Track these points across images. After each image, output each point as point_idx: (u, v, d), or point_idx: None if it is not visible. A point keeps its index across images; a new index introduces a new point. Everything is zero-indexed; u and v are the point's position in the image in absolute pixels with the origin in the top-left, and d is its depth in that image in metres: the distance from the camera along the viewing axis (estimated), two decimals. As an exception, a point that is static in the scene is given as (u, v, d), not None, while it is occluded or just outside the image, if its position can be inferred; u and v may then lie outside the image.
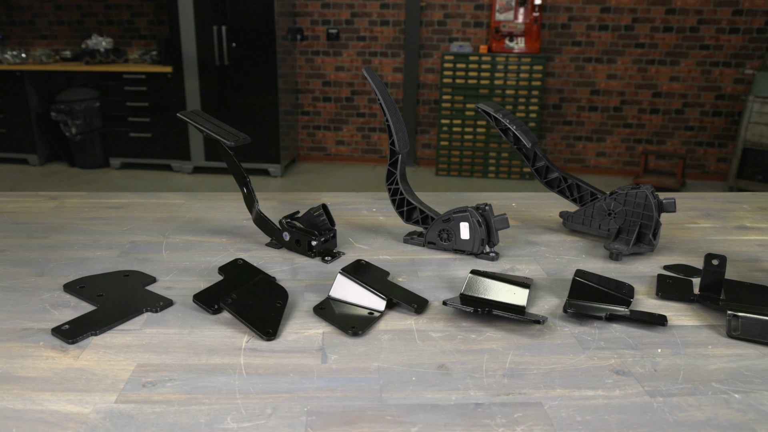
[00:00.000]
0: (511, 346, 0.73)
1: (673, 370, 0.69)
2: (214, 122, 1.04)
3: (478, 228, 0.97)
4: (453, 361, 0.70)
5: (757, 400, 0.63)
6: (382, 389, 0.64)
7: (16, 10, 5.63)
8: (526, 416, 0.60)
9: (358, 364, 0.69)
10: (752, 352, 0.73)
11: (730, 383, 0.66)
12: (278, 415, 0.60)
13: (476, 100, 5.40)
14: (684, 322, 0.80)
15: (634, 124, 5.62)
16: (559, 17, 5.41)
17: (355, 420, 0.59)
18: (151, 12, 5.55)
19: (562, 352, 0.72)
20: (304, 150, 6.16)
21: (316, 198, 1.31)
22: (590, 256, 1.02)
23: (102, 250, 1.02)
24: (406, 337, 0.75)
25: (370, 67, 1.03)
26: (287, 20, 5.43)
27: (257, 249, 1.02)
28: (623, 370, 0.68)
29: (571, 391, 0.64)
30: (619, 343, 0.74)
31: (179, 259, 0.98)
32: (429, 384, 0.65)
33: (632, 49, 5.39)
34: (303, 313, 0.81)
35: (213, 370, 0.68)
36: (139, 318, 0.79)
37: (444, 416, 0.60)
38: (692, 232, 1.15)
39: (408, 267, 0.96)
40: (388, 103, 1.04)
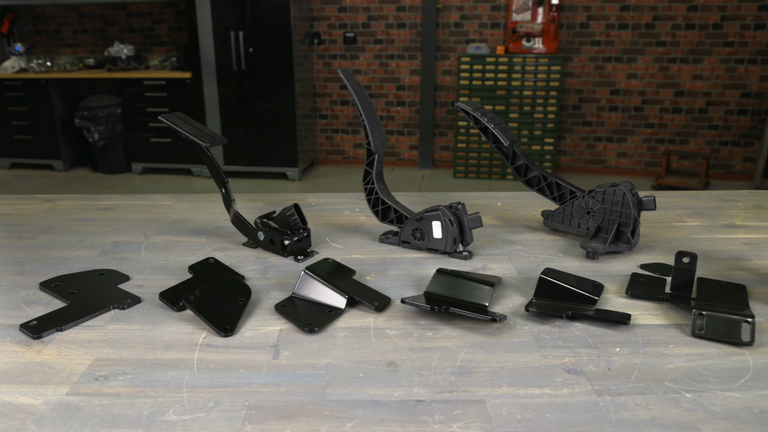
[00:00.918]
0: (466, 344, 0.73)
1: (628, 369, 0.67)
2: (193, 124, 1.06)
3: (450, 227, 0.96)
4: (403, 359, 0.70)
5: (708, 400, 0.62)
6: (326, 385, 0.65)
7: (42, 19, 5.80)
8: (466, 413, 0.60)
9: (308, 360, 0.70)
10: (714, 352, 0.71)
11: (684, 383, 0.65)
12: (219, 409, 0.61)
13: (494, 101, 5.36)
14: (650, 321, 0.79)
15: (656, 124, 5.51)
16: (578, 17, 5.34)
17: (293, 414, 0.60)
18: (171, 19, 5.67)
19: (516, 351, 0.71)
20: (323, 153, 6.20)
21: (302, 199, 1.32)
22: (567, 255, 1.01)
23: (84, 249, 1.04)
24: (362, 335, 0.75)
25: (347, 69, 1.03)
26: (304, 25, 5.48)
27: (233, 248, 1.04)
28: (575, 369, 0.67)
29: (517, 390, 0.64)
30: (578, 342, 0.73)
31: (156, 259, 1.00)
32: (375, 380, 0.65)
33: (653, 48, 5.29)
34: (265, 310, 0.82)
35: (166, 364, 0.69)
36: (106, 315, 0.81)
37: (382, 412, 0.60)
38: (678, 230, 1.12)
39: (378, 266, 0.96)
40: (364, 103, 1.05)
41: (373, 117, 1.05)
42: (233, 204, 1.04)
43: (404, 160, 6.08)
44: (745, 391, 0.63)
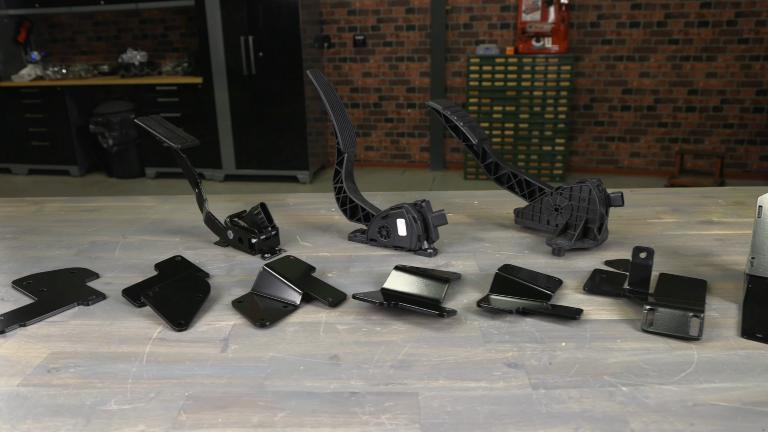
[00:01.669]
0: (412, 339, 0.73)
1: (569, 364, 0.67)
2: (167, 127, 1.09)
3: (414, 224, 0.97)
4: (347, 352, 0.71)
5: (643, 393, 0.61)
6: (266, 377, 0.66)
7: (58, 28, 5.94)
8: (397, 405, 0.60)
9: (254, 353, 0.71)
10: (661, 346, 0.71)
11: (623, 376, 0.65)
12: (159, 399, 0.62)
13: (504, 102, 5.35)
14: (603, 317, 0.78)
15: (669, 123, 5.43)
16: (588, 16, 5.30)
17: (228, 404, 0.61)
18: (183, 25, 5.76)
19: (460, 345, 0.72)
20: (334, 156, 6.23)
21: (281, 199, 1.34)
22: (534, 252, 1.01)
23: (62, 249, 1.07)
24: (311, 329, 0.76)
25: (316, 70, 1.05)
26: (314, 28, 5.53)
27: (205, 247, 1.06)
28: (516, 363, 0.68)
29: (453, 383, 0.64)
30: (525, 337, 0.73)
31: (128, 258, 1.02)
32: (314, 373, 0.66)
33: (665, 46, 5.22)
34: (223, 306, 0.83)
35: (117, 357, 0.71)
36: (71, 311, 0.83)
37: (315, 403, 0.61)
38: (652, 227, 1.11)
39: (343, 263, 0.97)
40: (333, 103, 1.06)
41: (342, 117, 1.06)
42: (205, 204, 1.06)
43: (415, 162, 6.08)
44: (682, 385, 0.63)
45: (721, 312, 0.79)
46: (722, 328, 0.75)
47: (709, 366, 0.66)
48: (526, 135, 5.40)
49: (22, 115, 5.55)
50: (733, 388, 0.62)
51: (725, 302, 0.82)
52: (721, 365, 0.67)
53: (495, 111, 5.41)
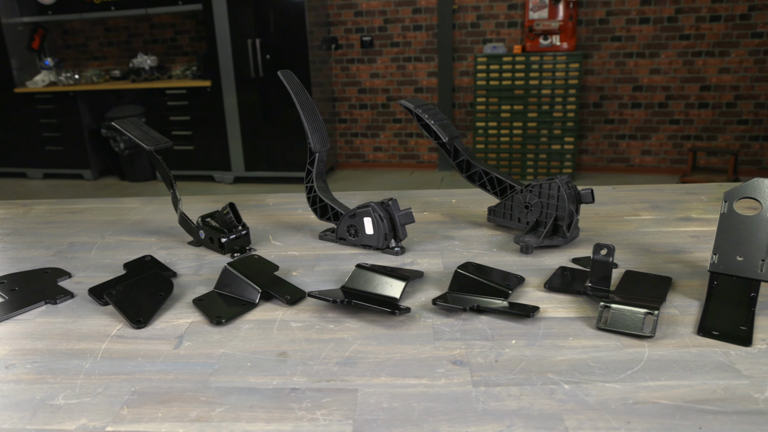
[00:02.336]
0: (363, 336, 0.74)
1: (515, 361, 0.67)
2: (143, 129, 1.10)
3: (380, 223, 0.97)
4: (296, 349, 0.71)
5: (585, 391, 0.61)
6: (213, 373, 0.67)
7: (71, 34, 6.05)
8: (334, 401, 0.61)
9: (206, 350, 0.72)
10: (613, 344, 0.70)
11: (568, 374, 0.64)
12: (106, 394, 0.64)
13: (512, 101, 5.31)
14: (560, 314, 0.78)
15: (681, 120, 5.35)
16: (597, 12, 5.24)
17: (170, 399, 0.62)
18: (193, 29, 5.82)
19: (410, 343, 0.72)
20: (343, 158, 6.25)
21: (262, 199, 1.35)
22: (503, 249, 1.00)
23: (41, 250, 1.09)
24: (266, 327, 0.77)
25: (287, 70, 1.06)
26: (322, 30, 5.55)
27: (178, 247, 1.07)
28: (461, 361, 0.67)
29: (394, 380, 0.64)
30: (476, 335, 0.73)
31: (102, 258, 1.04)
32: (260, 369, 0.67)
33: (676, 42, 5.15)
34: (185, 304, 0.84)
35: (73, 354, 0.72)
36: (38, 309, 0.85)
37: (254, 399, 0.62)
38: (627, 224, 1.10)
39: (309, 262, 0.98)
40: (303, 104, 1.07)
41: (313, 117, 1.07)
42: (180, 204, 1.08)
43: (424, 162, 6.08)
44: (626, 383, 0.62)
45: (682, 309, 0.78)
46: (679, 326, 0.74)
47: (657, 364, 0.66)
48: (534, 134, 5.36)
49: (37, 120, 5.66)
50: (678, 386, 0.62)
51: (688, 299, 0.81)
52: (671, 363, 0.66)
53: (503, 110, 5.38)
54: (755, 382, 0.62)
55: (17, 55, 5.63)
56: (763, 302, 0.79)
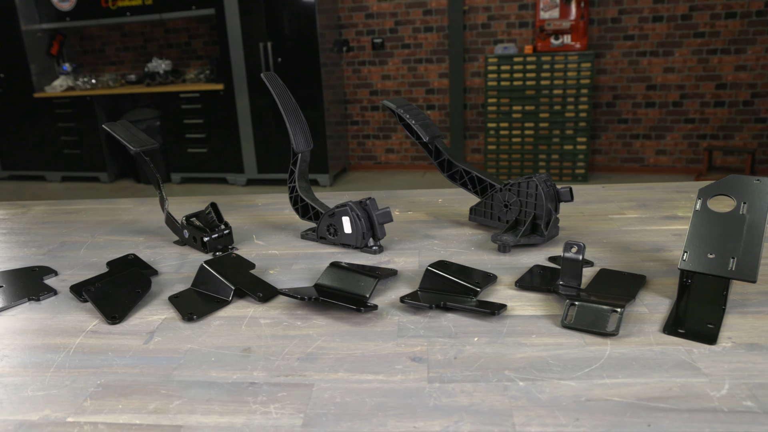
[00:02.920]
0: (328, 333, 0.74)
1: (474, 359, 0.67)
2: (131, 131, 1.12)
3: (358, 222, 0.98)
4: (261, 345, 0.72)
5: (538, 388, 0.61)
6: (177, 368, 0.68)
7: (88, 40, 6.17)
8: (289, 396, 0.62)
9: (174, 345, 0.73)
10: (576, 342, 0.70)
11: (525, 371, 0.64)
12: (72, 386, 0.65)
13: (523, 102, 5.28)
14: (527, 312, 0.78)
15: (697, 119, 5.27)
16: (609, 11, 5.20)
17: (132, 392, 0.64)
18: (206, 33, 5.90)
19: (372, 339, 0.72)
20: (355, 159, 6.28)
21: (251, 200, 1.37)
22: (481, 248, 1.00)
23: (33, 248, 1.12)
24: (235, 323, 0.78)
25: (270, 72, 1.07)
26: (333, 33, 5.59)
27: (164, 246, 1.09)
28: (421, 358, 0.68)
29: (351, 375, 0.65)
30: (440, 332, 0.74)
31: (90, 256, 1.06)
32: (223, 364, 0.68)
33: (691, 40, 5.08)
34: (161, 301, 0.86)
35: (48, 348, 0.74)
36: (22, 306, 0.88)
37: (213, 392, 0.63)
38: (611, 223, 1.09)
39: (288, 260, 0.99)
40: (286, 105, 1.08)
41: (296, 118, 1.08)
42: (166, 205, 1.10)
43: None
44: (582, 380, 0.62)
45: (651, 308, 0.78)
46: (646, 324, 0.74)
47: (617, 362, 0.65)
48: (546, 134, 5.32)
49: (55, 124, 5.78)
50: (634, 383, 0.61)
51: (659, 298, 0.80)
52: (631, 361, 0.66)
53: (514, 111, 5.35)
54: (713, 380, 0.61)
55: (36, 61, 5.76)
56: (736, 300, 0.78)
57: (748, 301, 0.78)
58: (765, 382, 0.60)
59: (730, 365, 0.64)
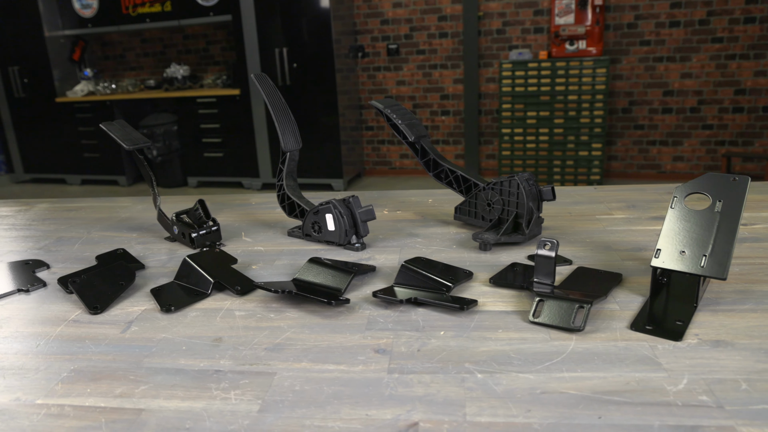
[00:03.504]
0: (299, 325, 0.76)
1: (436, 351, 0.68)
2: (126, 131, 1.16)
3: (341, 219, 0.99)
4: (232, 335, 0.74)
5: (495, 380, 0.62)
6: (148, 355, 0.70)
7: (109, 46, 6.31)
8: (251, 383, 0.63)
9: (150, 335, 0.75)
10: (541, 337, 0.70)
11: (485, 364, 0.65)
12: (46, 371, 0.68)
13: (538, 107, 5.26)
14: (498, 308, 0.78)
15: (715, 125, 5.19)
16: (625, 17, 5.16)
17: (102, 377, 0.66)
18: (224, 39, 5.99)
19: (340, 332, 0.74)
20: (370, 164, 6.30)
21: (246, 199, 1.39)
22: (463, 246, 1.01)
23: (30, 243, 1.16)
24: (211, 315, 0.80)
25: (261, 73, 1.10)
26: (348, 38, 5.64)
27: (155, 242, 1.12)
28: (384, 350, 0.69)
29: (313, 365, 0.66)
30: (408, 326, 0.74)
31: (83, 251, 1.09)
32: (192, 353, 0.70)
33: (708, 45, 5.01)
34: (144, 293, 0.88)
35: (29, 336, 0.77)
36: (12, 297, 0.91)
37: (178, 379, 0.65)
38: (597, 223, 1.09)
39: (272, 256, 1.01)
40: (275, 105, 1.10)
41: (285, 118, 1.10)
42: (158, 202, 1.13)
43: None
44: (541, 374, 0.63)
45: (623, 305, 0.78)
46: (615, 321, 0.73)
47: (579, 356, 0.66)
48: (561, 140, 5.29)
49: (76, 128, 5.92)
50: (592, 377, 0.62)
51: (632, 295, 0.80)
52: (593, 356, 0.66)
53: (529, 116, 5.33)
54: (673, 375, 0.61)
55: (59, 67, 5.90)
56: (710, 299, 0.78)
57: (721, 300, 0.77)
58: (724, 378, 0.60)
59: (692, 361, 0.63)
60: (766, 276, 0.83)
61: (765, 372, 0.61)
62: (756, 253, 0.91)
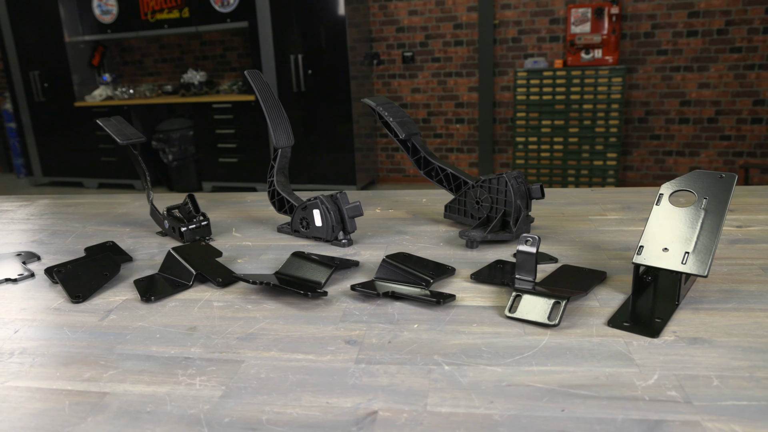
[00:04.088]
0: (274, 316, 0.76)
1: (407, 343, 0.67)
2: (121, 126, 1.17)
3: (328, 215, 0.99)
4: (207, 325, 0.74)
5: (462, 372, 0.61)
6: (122, 342, 0.70)
7: (128, 51, 6.43)
8: (217, 371, 0.63)
9: (126, 323, 0.76)
10: (515, 331, 0.69)
11: (454, 357, 0.64)
12: (21, 354, 0.68)
13: (552, 116, 5.23)
14: (476, 303, 0.77)
15: (733, 136, 5.11)
16: (642, 26, 5.11)
17: (72, 362, 0.66)
18: (240, 45, 6.07)
19: (314, 323, 0.73)
20: (384, 172, 6.31)
21: (241, 197, 1.40)
22: (450, 244, 1.00)
23: (26, 236, 1.18)
24: (189, 305, 0.80)
25: (255, 70, 1.11)
26: (364, 46, 5.67)
27: (146, 236, 1.13)
28: (355, 341, 0.68)
29: (282, 354, 0.66)
30: (383, 318, 0.74)
31: (75, 244, 1.11)
32: (166, 341, 0.70)
33: (727, 55, 4.94)
34: (128, 284, 0.89)
35: (9, 323, 0.78)
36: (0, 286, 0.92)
37: (147, 365, 0.65)
38: (588, 223, 1.08)
39: (258, 251, 1.01)
40: (268, 102, 1.11)
41: (277, 114, 1.11)
42: (150, 197, 1.14)
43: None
44: (509, 367, 0.61)
45: (604, 302, 0.76)
46: (594, 317, 0.72)
47: (550, 351, 0.64)
48: (575, 149, 5.25)
49: (93, 132, 6.02)
50: (561, 371, 0.60)
51: (614, 293, 0.79)
52: (565, 350, 0.64)
53: (543, 125, 5.30)
54: (644, 371, 0.60)
55: (79, 71, 6.03)
56: (694, 297, 0.76)
57: (705, 298, 0.75)
58: (696, 374, 0.58)
59: (666, 357, 0.62)
60: (753, 277, 0.81)
61: (739, 369, 0.59)
62: (747, 254, 0.89)
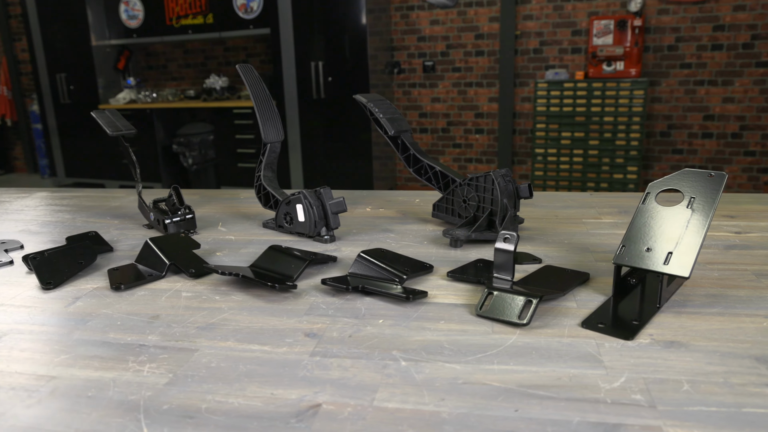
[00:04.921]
0: (239, 307, 0.74)
1: (368, 338, 0.65)
2: (114, 118, 1.18)
3: (310, 210, 0.98)
4: (170, 314, 0.72)
5: (418, 368, 0.58)
6: (82, 329, 0.69)
7: (153, 56, 6.54)
8: (169, 358, 0.61)
9: (90, 310, 0.75)
10: (483, 330, 0.66)
11: (414, 353, 0.61)
12: (-17, 340, 0.68)
13: (573, 128, 5.16)
14: (448, 300, 0.75)
15: (758, 152, 4.97)
16: (665, 39, 5.02)
17: (30, 346, 0.65)
18: (263, 52, 6.13)
19: (279, 315, 0.71)
20: (402, 180, 6.29)
21: (235, 193, 1.39)
22: (433, 243, 0.97)
23: (16, 225, 1.18)
24: (158, 294, 0.79)
25: (247, 65, 1.10)
26: (385, 54, 5.68)
27: (132, 228, 1.13)
28: (315, 334, 0.66)
29: (238, 345, 0.64)
30: (349, 313, 0.72)
31: (60, 233, 1.11)
32: (125, 329, 0.69)
33: (752, 69, 4.82)
34: (102, 273, 0.88)
35: (-22, 307, 0.77)
36: (-20, 271, 0.92)
37: (101, 351, 0.63)
38: (581, 226, 1.04)
39: (239, 245, 1.00)
40: (258, 96, 1.10)
41: (267, 109, 1.10)
42: (139, 189, 1.13)
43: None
44: (469, 365, 0.59)
45: (582, 303, 0.73)
46: (568, 318, 0.69)
47: (516, 350, 0.61)
48: (595, 162, 5.16)
49: (118, 135, 6.12)
50: (523, 371, 0.57)
51: (595, 294, 0.75)
52: (531, 350, 0.61)
53: (563, 137, 5.22)
54: (611, 373, 0.56)
55: (104, 75, 6.15)
56: (678, 300, 0.72)
57: (689, 302, 0.71)
58: (666, 378, 0.55)
59: (637, 360, 0.58)
60: (745, 282, 0.77)
61: (713, 374, 0.55)
62: (741, 259, 0.85)
